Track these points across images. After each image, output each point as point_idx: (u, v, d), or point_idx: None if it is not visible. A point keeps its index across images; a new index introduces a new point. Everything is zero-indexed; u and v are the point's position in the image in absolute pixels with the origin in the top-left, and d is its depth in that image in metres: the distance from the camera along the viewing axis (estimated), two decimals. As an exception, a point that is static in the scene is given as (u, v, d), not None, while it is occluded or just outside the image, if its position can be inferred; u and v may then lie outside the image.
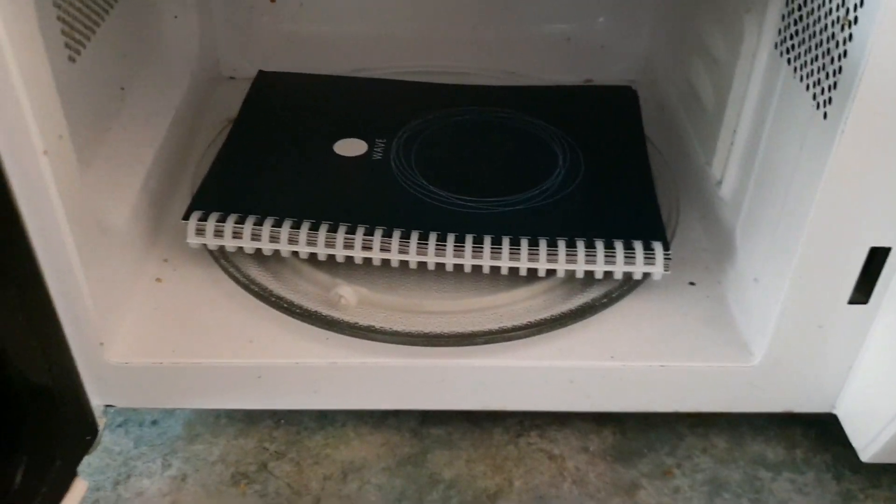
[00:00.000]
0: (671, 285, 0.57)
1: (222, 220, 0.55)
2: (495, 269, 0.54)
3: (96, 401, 0.51)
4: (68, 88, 0.49)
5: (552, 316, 0.54)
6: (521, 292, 0.56)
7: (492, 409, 0.54)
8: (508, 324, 0.53)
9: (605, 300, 0.55)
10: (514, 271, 0.54)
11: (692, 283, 0.58)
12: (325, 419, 0.57)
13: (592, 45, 0.80)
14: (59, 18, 0.51)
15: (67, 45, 0.52)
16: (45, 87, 0.43)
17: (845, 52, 0.41)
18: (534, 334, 0.53)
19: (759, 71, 0.52)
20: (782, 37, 0.49)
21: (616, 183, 0.61)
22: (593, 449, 0.56)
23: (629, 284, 0.55)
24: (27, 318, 0.44)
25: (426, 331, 0.53)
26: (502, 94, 0.71)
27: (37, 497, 0.45)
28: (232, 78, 0.79)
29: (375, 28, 0.80)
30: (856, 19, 0.40)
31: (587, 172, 0.61)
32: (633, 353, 0.52)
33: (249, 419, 0.57)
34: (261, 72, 0.72)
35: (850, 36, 0.40)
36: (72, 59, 0.53)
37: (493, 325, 0.53)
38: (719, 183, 0.59)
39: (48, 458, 0.47)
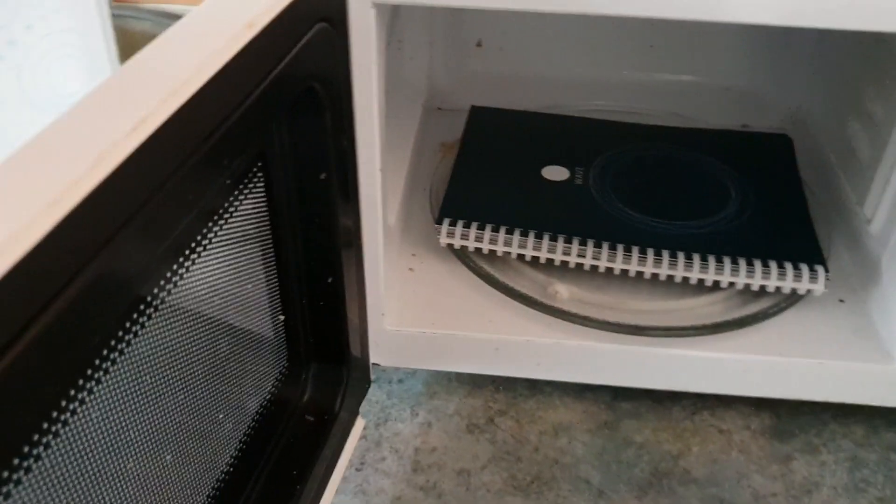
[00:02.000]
0: (825, 301, 0.70)
1: (467, 225, 0.70)
2: (685, 279, 0.68)
3: (373, 359, 0.67)
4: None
5: (730, 319, 0.68)
6: (705, 299, 0.69)
7: (674, 390, 0.68)
8: (697, 322, 0.67)
9: (771, 310, 0.68)
10: (700, 281, 0.68)
11: (842, 301, 0.71)
12: (535, 388, 0.71)
13: (749, 94, 0.94)
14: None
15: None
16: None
17: None
18: (714, 333, 0.67)
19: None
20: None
21: (780, 214, 0.74)
22: (754, 427, 0.69)
23: (793, 298, 0.69)
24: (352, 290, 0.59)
25: (632, 323, 0.67)
26: (675, 133, 0.85)
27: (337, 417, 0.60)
28: (440, 109, 0.94)
29: (562, 71, 0.94)
30: None
31: (755, 204, 0.75)
32: (791, 351, 0.66)
33: (474, 383, 0.72)
34: (473, 106, 0.87)
35: None
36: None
37: (683, 323, 0.67)
38: (869, 221, 0.71)
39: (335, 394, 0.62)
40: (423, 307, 0.69)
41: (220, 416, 0.48)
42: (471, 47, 0.94)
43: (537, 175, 0.78)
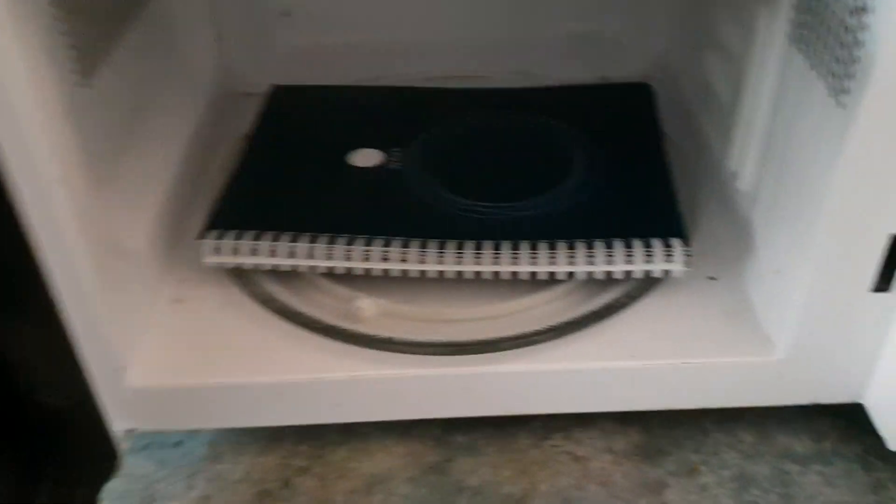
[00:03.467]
0: (691, 281, 0.56)
1: (238, 237, 0.56)
2: (514, 275, 0.54)
3: (118, 425, 0.51)
4: (83, 113, 0.49)
5: (573, 318, 0.54)
6: (542, 296, 0.55)
7: (515, 414, 0.54)
8: (529, 329, 0.53)
9: (625, 300, 0.55)
10: (533, 275, 0.54)
11: (712, 278, 0.57)
12: (349, 432, 0.57)
13: (608, 42, 0.80)
14: (71, 46, 0.51)
15: (80, 72, 0.52)
16: (56, 116, 0.43)
17: (857, 40, 0.40)
18: (555, 338, 0.53)
19: (773, 63, 0.52)
20: (795, 28, 0.48)
21: (634, 181, 0.60)
22: (618, 449, 0.55)
23: (649, 283, 0.55)
24: (45, 345, 0.44)
25: (447, 340, 0.53)
26: (518, 95, 0.71)
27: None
28: (249, 94, 0.78)
29: (389, 36, 0.79)
30: (865, 7, 0.39)
31: (604, 172, 0.61)
32: (653, 352, 0.52)
33: (273, 436, 0.57)
34: (274, 86, 0.72)
35: (861, 24, 0.40)
36: (86, 85, 0.53)
37: (515, 331, 0.53)
38: (735, 175, 0.58)
39: (71, 485, 0.47)
40: (189, 349, 0.54)
41: None
42: (276, 17, 0.79)
43: (342, 163, 0.63)
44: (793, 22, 0.48)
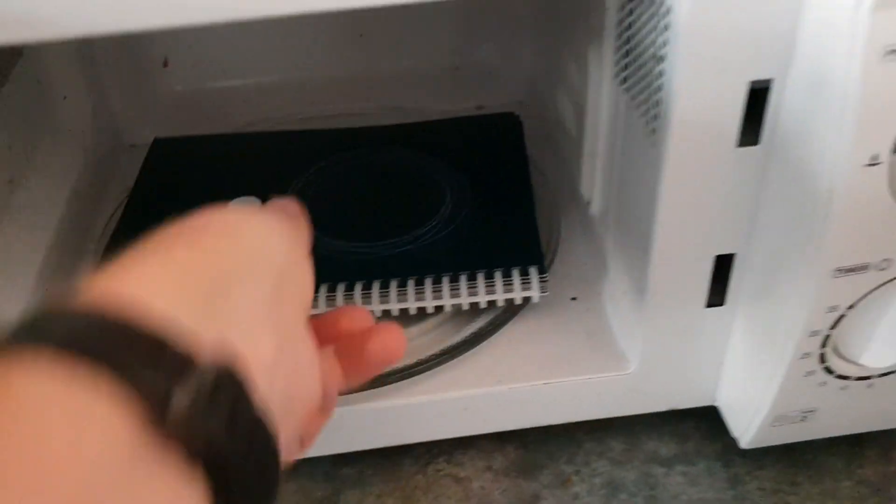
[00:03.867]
0: (554, 303, 0.60)
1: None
2: (386, 312, 0.57)
3: None
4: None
5: (442, 350, 0.57)
6: (413, 331, 0.58)
7: (395, 445, 0.57)
8: (401, 364, 0.56)
9: (490, 327, 0.58)
10: (403, 311, 0.57)
11: (574, 299, 0.61)
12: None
13: (480, 73, 0.83)
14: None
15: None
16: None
17: (658, 85, 0.44)
18: (427, 370, 0.56)
19: (605, 99, 0.56)
20: (619, 69, 0.52)
21: (499, 212, 0.63)
22: (497, 467, 0.59)
23: (515, 307, 0.59)
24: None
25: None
26: (393, 132, 0.74)
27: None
28: (133, 146, 0.79)
29: (267, 78, 0.82)
30: (663, 57, 0.43)
31: (473, 205, 0.64)
32: (517, 375, 0.55)
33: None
34: (156, 139, 0.74)
35: (660, 70, 0.44)
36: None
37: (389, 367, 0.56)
38: (589, 203, 0.62)
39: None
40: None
41: None
42: (156, 67, 0.81)
43: (222, 212, 0.65)
44: (617, 64, 0.52)
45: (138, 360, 0.21)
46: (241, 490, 0.23)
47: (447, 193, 0.65)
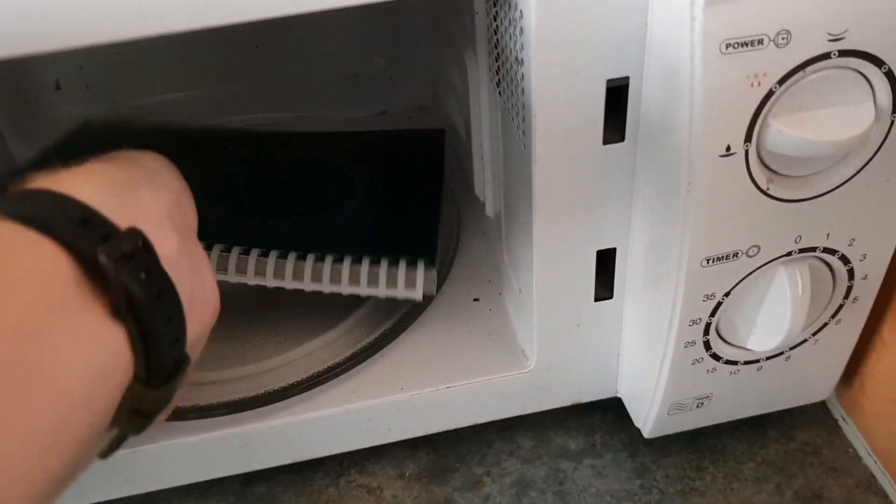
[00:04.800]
0: (457, 304, 0.60)
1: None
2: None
3: None
4: None
5: (345, 357, 0.57)
6: (318, 342, 0.58)
7: (304, 460, 0.57)
8: (305, 373, 0.56)
9: (392, 332, 0.58)
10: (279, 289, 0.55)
11: (476, 300, 0.61)
12: (150, 500, 0.58)
13: (379, 79, 0.83)
14: None
15: None
16: None
17: (524, 88, 0.45)
18: (329, 379, 0.56)
19: (485, 103, 0.56)
20: (493, 73, 0.53)
21: (403, 210, 0.62)
22: (409, 474, 0.59)
23: (419, 308, 0.58)
24: None
25: (235, 398, 0.54)
26: (324, 139, 0.72)
27: None
28: (27, 172, 0.78)
29: (169, 96, 0.81)
30: (522, 60, 0.44)
31: (379, 201, 0.63)
32: (420, 381, 0.56)
33: (78, 514, 0.58)
34: (86, 121, 0.71)
35: (523, 74, 0.44)
36: None
37: (284, 382, 0.55)
38: (483, 204, 0.62)
39: None
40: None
41: None
42: (49, 91, 0.79)
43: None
44: (490, 68, 0.53)
45: (72, 226, 0.27)
46: (153, 338, 0.28)
47: (358, 189, 0.64)
